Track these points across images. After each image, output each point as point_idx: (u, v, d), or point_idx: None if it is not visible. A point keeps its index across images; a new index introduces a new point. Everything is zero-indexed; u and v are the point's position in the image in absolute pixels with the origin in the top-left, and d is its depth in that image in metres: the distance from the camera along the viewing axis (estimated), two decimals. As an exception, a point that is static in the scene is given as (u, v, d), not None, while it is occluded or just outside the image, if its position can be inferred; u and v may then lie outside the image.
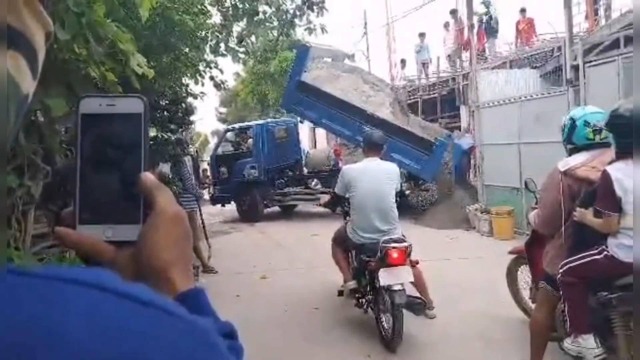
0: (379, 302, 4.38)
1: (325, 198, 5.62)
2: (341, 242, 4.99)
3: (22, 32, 0.44)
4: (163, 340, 0.39)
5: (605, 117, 2.94)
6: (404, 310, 4.16)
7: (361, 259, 4.57)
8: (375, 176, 4.53)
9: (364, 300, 4.76)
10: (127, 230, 0.60)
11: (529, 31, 13.77)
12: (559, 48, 9.81)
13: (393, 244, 4.18)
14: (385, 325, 4.32)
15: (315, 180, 12.47)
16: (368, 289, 4.60)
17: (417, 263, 4.54)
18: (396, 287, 4.09)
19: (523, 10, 13.95)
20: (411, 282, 4.32)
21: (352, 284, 4.83)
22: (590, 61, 7.54)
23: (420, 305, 4.34)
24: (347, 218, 4.91)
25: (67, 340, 0.34)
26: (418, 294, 4.50)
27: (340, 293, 5.02)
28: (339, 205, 5.21)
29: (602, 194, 2.86)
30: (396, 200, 4.65)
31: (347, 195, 4.72)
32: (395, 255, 4.11)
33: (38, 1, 0.46)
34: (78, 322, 0.36)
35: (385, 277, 4.09)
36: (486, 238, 8.65)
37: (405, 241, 4.29)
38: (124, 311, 0.38)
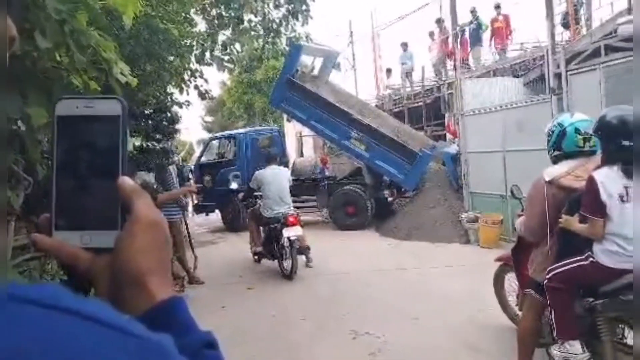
0: (282, 252, 7.06)
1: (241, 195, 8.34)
2: (256, 219, 7.57)
3: None
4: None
5: (593, 124, 2.98)
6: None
7: (270, 228, 7.23)
8: (278, 177, 7.37)
9: (270, 255, 7.36)
10: (105, 237, 0.58)
11: (505, 29, 13.55)
12: (542, 57, 9.94)
13: (290, 213, 7.19)
14: (285, 266, 7.05)
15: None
16: (274, 246, 7.18)
17: (303, 226, 7.41)
18: (293, 238, 6.94)
19: (498, 7, 13.62)
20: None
21: (259, 248, 7.57)
22: (573, 69, 7.65)
23: (307, 250, 7.44)
24: (258, 202, 7.52)
25: None
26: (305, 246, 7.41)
27: (256, 259, 7.73)
28: (251, 196, 7.74)
29: (587, 200, 2.88)
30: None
31: (260, 191, 7.36)
32: (291, 219, 7.07)
33: None
34: (27, 342, 0.34)
35: (287, 232, 6.94)
36: (472, 246, 8.68)
37: (296, 212, 7.41)
38: (73, 329, 0.37)
